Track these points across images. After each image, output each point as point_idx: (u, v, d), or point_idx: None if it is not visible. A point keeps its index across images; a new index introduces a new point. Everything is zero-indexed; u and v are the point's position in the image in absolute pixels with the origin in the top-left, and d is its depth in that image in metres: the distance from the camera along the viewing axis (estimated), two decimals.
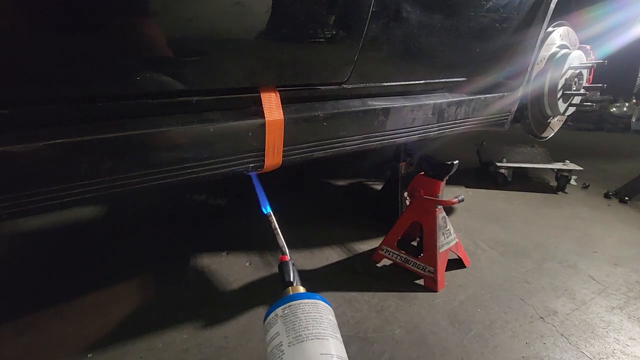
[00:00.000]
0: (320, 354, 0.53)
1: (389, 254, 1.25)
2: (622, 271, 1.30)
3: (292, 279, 0.72)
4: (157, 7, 0.56)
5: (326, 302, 0.67)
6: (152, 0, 0.55)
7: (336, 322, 0.64)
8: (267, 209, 0.89)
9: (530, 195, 1.97)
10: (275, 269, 1.20)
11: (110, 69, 0.57)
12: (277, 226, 0.85)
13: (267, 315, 0.64)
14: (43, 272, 1.15)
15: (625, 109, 3.70)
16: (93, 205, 1.58)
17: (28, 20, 0.47)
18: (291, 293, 0.68)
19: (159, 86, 0.62)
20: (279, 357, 0.55)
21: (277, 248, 0.83)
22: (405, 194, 1.32)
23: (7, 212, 0.52)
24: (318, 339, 0.56)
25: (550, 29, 1.47)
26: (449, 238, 1.21)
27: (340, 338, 0.60)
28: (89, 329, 0.92)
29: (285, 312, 0.61)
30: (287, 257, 0.78)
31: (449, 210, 1.71)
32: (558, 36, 1.50)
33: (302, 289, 0.70)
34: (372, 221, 1.55)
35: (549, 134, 1.70)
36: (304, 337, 0.55)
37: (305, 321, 0.58)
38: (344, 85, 0.89)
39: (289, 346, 0.55)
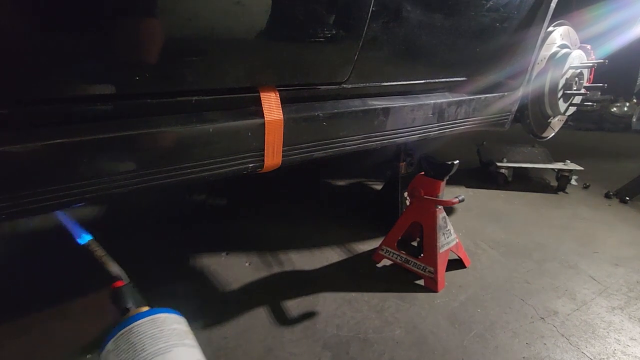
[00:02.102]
0: None
1: (389, 255, 1.25)
2: (622, 271, 1.30)
3: (128, 304, 0.65)
4: (156, 6, 0.56)
5: (170, 312, 0.60)
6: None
7: (185, 329, 0.59)
8: (86, 238, 0.78)
9: (531, 195, 1.97)
10: (275, 270, 1.21)
11: (109, 68, 0.56)
12: (103, 253, 0.75)
13: (100, 354, 0.57)
14: (43, 272, 1.15)
15: (625, 108, 3.69)
16: (93, 205, 1.58)
17: (28, 20, 0.47)
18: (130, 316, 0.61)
19: (158, 86, 0.62)
20: None
21: (277, 248, 0.83)
22: (406, 194, 1.32)
23: (7, 212, 0.52)
24: (159, 355, 0.51)
25: (550, 28, 1.47)
26: (449, 238, 1.20)
27: (191, 342, 0.56)
28: (89, 329, 0.92)
29: (117, 343, 0.55)
30: (122, 282, 0.70)
31: (449, 210, 1.71)
32: (558, 36, 1.49)
33: (144, 308, 0.63)
34: (372, 221, 1.55)
35: (550, 133, 1.70)
36: None
37: (141, 344, 0.53)
38: (344, 85, 0.89)
39: None
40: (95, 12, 0.51)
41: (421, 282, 1.17)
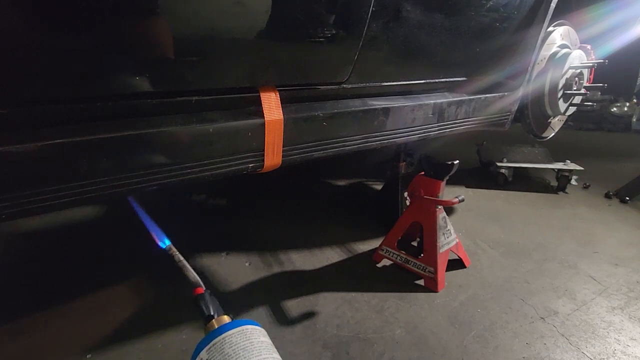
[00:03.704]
0: None
1: (389, 255, 1.25)
2: (622, 271, 1.30)
3: (211, 312, 0.65)
4: (156, 6, 0.56)
5: (253, 324, 0.62)
6: None
7: (269, 341, 0.60)
8: (166, 242, 0.79)
9: (531, 195, 1.97)
10: (275, 270, 1.21)
11: (109, 68, 0.56)
12: (181, 258, 0.76)
13: None
14: (43, 272, 1.15)
15: (625, 108, 3.69)
16: (93, 205, 1.58)
17: (28, 20, 0.47)
18: (215, 326, 0.62)
19: (158, 86, 0.62)
20: None
21: (277, 248, 0.83)
22: (406, 194, 1.32)
23: (7, 212, 0.52)
24: None
25: (550, 28, 1.47)
26: (449, 238, 1.20)
27: (277, 356, 0.57)
28: (89, 329, 0.92)
29: (211, 353, 0.55)
30: (202, 289, 0.71)
31: (449, 210, 1.71)
32: (559, 36, 1.49)
33: (226, 319, 0.64)
34: (372, 221, 1.55)
35: (550, 133, 1.70)
36: None
37: (235, 355, 0.53)
38: (344, 85, 0.89)
39: None
40: (95, 12, 0.51)
41: (421, 282, 1.17)
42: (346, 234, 1.44)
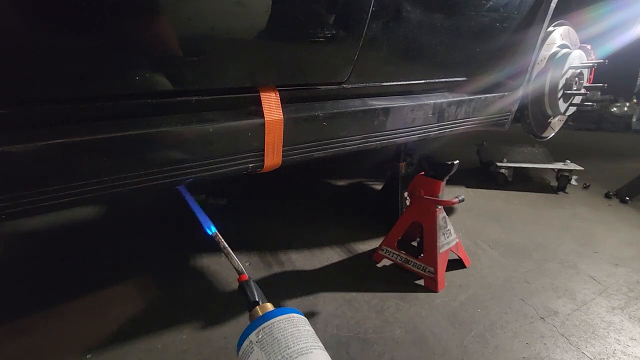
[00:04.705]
0: None
1: (389, 254, 1.25)
2: (622, 271, 1.30)
3: (257, 298, 0.68)
4: (156, 6, 0.56)
5: (298, 313, 0.63)
6: None
7: (313, 330, 0.61)
8: (212, 229, 0.83)
9: (531, 195, 1.97)
10: (275, 270, 1.21)
11: (109, 68, 0.56)
12: (226, 245, 0.79)
13: (239, 344, 0.59)
14: (43, 272, 1.15)
15: (625, 108, 3.69)
16: (93, 205, 1.58)
17: (28, 20, 0.47)
18: (260, 313, 0.64)
19: (158, 86, 0.62)
20: None
21: (277, 248, 0.83)
22: (406, 194, 1.32)
23: (7, 212, 0.52)
24: (303, 354, 0.53)
25: (550, 28, 1.47)
26: (449, 238, 1.20)
27: (322, 345, 0.58)
28: (89, 329, 0.92)
29: (260, 336, 0.57)
30: (247, 276, 0.73)
31: (449, 210, 1.71)
32: (558, 36, 1.49)
33: (270, 306, 0.66)
34: (372, 221, 1.55)
35: (550, 133, 1.70)
36: (288, 358, 0.52)
37: (285, 340, 0.55)
38: (344, 85, 0.89)
39: None
40: (95, 12, 0.51)
41: (421, 282, 1.17)
42: (346, 234, 1.44)
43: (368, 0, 0.78)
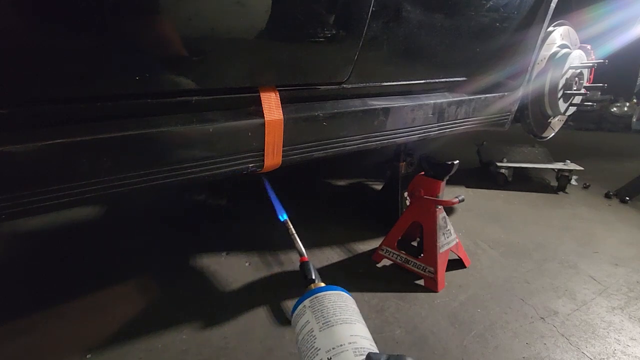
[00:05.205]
0: (350, 335, 0.57)
1: (389, 254, 1.25)
2: (622, 271, 1.30)
3: (313, 277, 0.75)
4: (156, 6, 0.56)
5: (349, 294, 0.70)
6: None
7: (359, 311, 0.67)
8: (284, 216, 0.92)
9: (531, 195, 1.97)
10: (275, 270, 1.21)
11: (109, 68, 0.56)
12: (294, 232, 0.88)
13: (295, 308, 0.67)
14: (43, 272, 1.15)
15: (625, 108, 3.69)
16: (93, 205, 1.58)
17: (28, 20, 0.47)
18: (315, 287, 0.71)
19: (158, 86, 0.62)
20: (312, 342, 0.58)
21: (277, 248, 0.83)
22: (406, 194, 1.32)
23: (7, 212, 0.52)
24: (346, 323, 0.59)
25: (550, 28, 1.47)
26: (449, 238, 1.20)
27: (365, 323, 0.64)
28: (89, 329, 0.92)
29: (313, 302, 0.64)
30: (307, 258, 0.81)
31: (449, 210, 1.71)
32: (559, 36, 1.49)
33: (323, 285, 0.73)
34: (372, 221, 1.55)
35: (550, 133, 1.70)
36: (333, 322, 0.59)
37: (332, 309, 0.62)
38: (344, 85, 0.89)
39: (320, 331, 0.58)
40: (95, 12, 0.51)
41: (421, 282, 1.17)
42: (346, 234, 1.44)
43: (368, 0, 0.78)
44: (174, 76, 0.62)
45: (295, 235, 0.87)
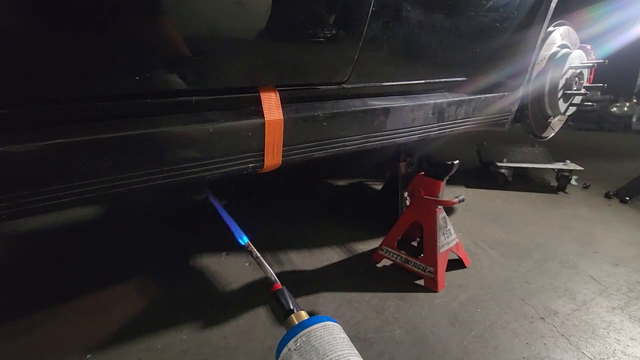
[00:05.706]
0: None
1: (389, 255, 1.25)
2: (622, 271, 1.30)
3: (291, 306, 0.70)
4: (156, 6, 0.56)
5: (333, 321, 0.65)
6: None
7: (347, 337, 0.63)
8: (245, 239, 0.85)
9: (531, 195, 1.97)
10: (275, 270, 1.20)
11: (109, 68, 0.56)
12: (258, 255, 0.80)
13: (278, 351, 0.62)
14: (43, 272, 1.15)
15: (625, 108, 3.69)
16: (93, 205, 1.58)
17: (28, 20, 0.47)
18: (295, 321, 0.65)
19: (158, 86, 0.62)
20: None
21: (277, 248, 0.83)
22: (406, 194, 1.32)
23: (7, 212, 0.52)
24: None
25: (550, 28, 1.47)
26: (449, 238, 1.20)
27: (357, 352, 0.60)
28: (89, 329, 0.92)
29: (298, 344, 0.59)
30: (280, 285, 0.75)
31: (449, 210, 1.71)
32: (559, 36, 1.49)
33: (304, 314, 0.68)
34: (372, 221, 1.55)
35: (550, 133, 1.70)
36: None
37: (322, 348, 0.56)
38: (344, 85, 0.89)
39: None
40: (95, 12, 0.51)
41: (421, 282, 1.17)
42: (346, 234, 1.44)
43: (368, 0, 0.78)
44: (174, 76, 0.62)
45: (262, 259, 0.79)
